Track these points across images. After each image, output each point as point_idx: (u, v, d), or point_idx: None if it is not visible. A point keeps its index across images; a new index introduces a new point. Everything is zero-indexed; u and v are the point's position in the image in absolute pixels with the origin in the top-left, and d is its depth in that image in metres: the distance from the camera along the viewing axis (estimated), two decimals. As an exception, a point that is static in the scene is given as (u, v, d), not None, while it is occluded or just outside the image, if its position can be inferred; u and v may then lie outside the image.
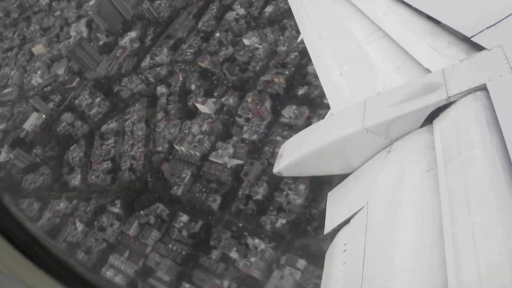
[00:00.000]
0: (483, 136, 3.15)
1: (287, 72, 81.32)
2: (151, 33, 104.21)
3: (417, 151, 3.69)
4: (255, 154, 74.68)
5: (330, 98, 5.75)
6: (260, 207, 69.24)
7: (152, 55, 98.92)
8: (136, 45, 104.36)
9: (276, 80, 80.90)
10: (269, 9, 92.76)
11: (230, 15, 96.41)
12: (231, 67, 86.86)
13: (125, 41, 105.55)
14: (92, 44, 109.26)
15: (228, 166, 75.12)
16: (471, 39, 4.18)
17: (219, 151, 76.89)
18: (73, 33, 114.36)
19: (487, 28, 4.15)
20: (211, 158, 77.28)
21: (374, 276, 3.30)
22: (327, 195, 4.40)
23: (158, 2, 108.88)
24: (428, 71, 4.38)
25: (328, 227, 4.15)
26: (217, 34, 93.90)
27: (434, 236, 2.98)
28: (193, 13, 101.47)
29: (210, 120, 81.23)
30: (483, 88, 3.52)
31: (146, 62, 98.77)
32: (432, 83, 3.90)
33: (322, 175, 4.59)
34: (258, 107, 77.46)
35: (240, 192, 72.26)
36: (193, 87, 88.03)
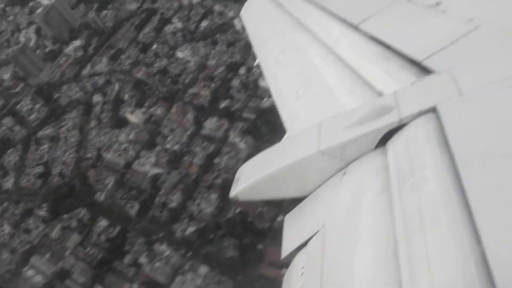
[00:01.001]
0: (434, 157, 3.16)
1: (213, 85, 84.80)
2: (95, 43, 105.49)
3: (371, 173, 3.65)
4: (175, 163, 77.75)
5: (286, 122, 5.71)
6: (173, 215, 72.35)
7: (92, 64, 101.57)
8: (80, 53, 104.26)
9: (202, 92, 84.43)
10: (204, 23, 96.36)
11: (169, 28, 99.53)
12: (163, 78, 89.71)
13: (69, 49, 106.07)
14: (39, 50, 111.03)
15: (149, 174, 78.21)
16: (422, 63, 4.24)
17: (142, 159, 79.72)
18: (22, 39, 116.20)
19: (436, 52, 4.22)
20: (134, 166, 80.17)
21: (332, 298, 3.21)
22: (284, 219, 4.37)
23: (105, 12, 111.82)
24: (380, 94, 4.40)
25: (285, 251, 4.08)
26: (154, 46, 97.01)
27: (389, 256, 2.95)
28: (135, 24, 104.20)
29: (137, 129, 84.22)
30: (434, 110, 3.53)
31: (86, 71, 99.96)
32: (385, 106, 3.91)
33: (280, 199, 4.57)
34: (180, 118, 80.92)
35: (157, 200, 75.46)
36: (126, 97, 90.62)
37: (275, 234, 63.57)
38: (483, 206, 2.60)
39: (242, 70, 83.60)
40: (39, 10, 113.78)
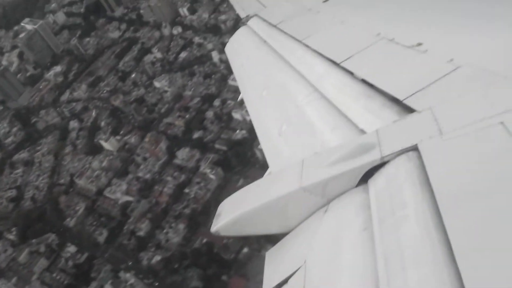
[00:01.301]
0: (415, 195, 3.16)
1: (187, 116, 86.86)
2: (75, 69, 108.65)
3: (353, 211, 3.63)
4: (145, 192, 79.07)
5: (269, 157, 5.68)
6: (141, 243, 73.23)
7: (71, 90, 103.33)
8: (60, 79, 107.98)
9: (176, 122, 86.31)
10: (183, 55, 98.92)
11: (148, 58, 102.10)
12: (139, 107, 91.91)
13: (50, 74, 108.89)
14: (20, 74, 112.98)
15: (119, 202, 79.27)
16: (403, 101, 4.28)
17: (114, 187, 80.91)
18: (4, 63, 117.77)
19: (418, 91, 4.27)
20: (106, 193, 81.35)
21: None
22: (265, 255, 4.33)
23: (87, 39, 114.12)
24: (363, 132, 4.42)
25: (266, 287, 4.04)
26: (133, 75, 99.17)
27: None
28: (116, 52, 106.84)
29: (111, 157, 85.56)
30: (415, 148, 3.56)
31: (65, 96, 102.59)
32: (367, 143, 3.92)
33: (261, 235, 4.47)
34: (153, 147, 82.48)
35: (125, 227, 76.31)
36: (102, 124, 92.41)
37: (239, 266, 64.66)
38: (464, 245, 2.62)
39: (217, 102, 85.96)
40: (22, 35, 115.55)
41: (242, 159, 75.97)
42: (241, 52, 9.38)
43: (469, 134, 3.40)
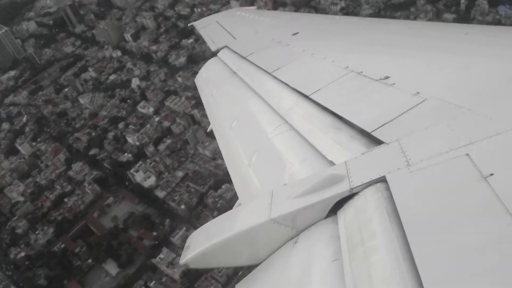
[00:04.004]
0: (384, 226, 3.26)
1: (93, 134, 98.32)
2: (26, 76, 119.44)
3: (322, 242, 3.71)
4: (36, 195, 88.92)
5: (238, 189, 5.78)
6: (15, 239, 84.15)
7: (15, 95, 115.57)
8: (11, 83, 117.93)
9: (82, 138, 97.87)
10: (113, 77, 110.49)
11: (85, 75, 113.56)
12: (59, 119, 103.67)
13: (4, 77, 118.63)
14: None
15: (13, 201, 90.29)
16: (372, 133, 4.45)
17: (13, 187, 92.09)
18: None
19: (385, 123, 4.47)
20: (5, 191, 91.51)
21: None
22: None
23: (46, 50, 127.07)
24: (332, 163, 4.53)
25: None
26: (67, 89, 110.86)
27: None
28: (62, 66, 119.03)
29: (22, 160, 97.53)
30: (383, 180, 3.68)
31: (8, 100, 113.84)
32: (336, 175, 4.03)
33: (231, 267, 4.77)
34: (53, 157, 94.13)
35: (8, 224, 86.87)
36: (27, 129, 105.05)
37: (81, 273, 75.29)
38: (432, 275, 2.70)
39: (121, 125, 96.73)
40: None
41: (119, 180, 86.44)
42: (211, 82, 9.55)
43: (435, 166, 3.52)
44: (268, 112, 6.55)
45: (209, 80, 9.82)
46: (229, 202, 71.29)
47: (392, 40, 7.44)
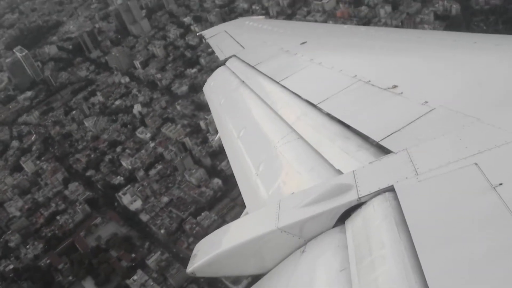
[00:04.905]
0: (392, 235, 3.27)
1: (92, 155, 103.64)
2: (41, 96, 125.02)
3: (330, 251, 3.72)
4: (32, 211, 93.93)
5: (246, 198, 5.78)
6: (7, 252, 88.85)
7: (28, 114, 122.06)
8: (27, 103, 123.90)
9: (82, 159, 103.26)
10: (118, 102, 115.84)
11: (93, 99, 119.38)
12: (64, 140, 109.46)
13: (21, 97, 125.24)
14: (2, 92, 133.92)
15: (10, 215, 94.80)
16: (380, 142, 4.47)
17: (12, 202, 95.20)
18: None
19: (393, 133, 4.49)
20: (5, 206, 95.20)
21: None
22: None
23: (62, 73, 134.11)
24: (339, 172, 4.54)
25: None
26: (74, 112, 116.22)
27: None
28: (74, 89, 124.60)
29: (24, 177, 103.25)
30: (391, 189, 3.69)
31: (22, 118, 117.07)
32: (344, 184, 4.05)
33: (238, 276, 4.58)
34: (52, 176, 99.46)
35: (3, 237, 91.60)
36: (34, 148, 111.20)
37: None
38: (440, 285, 2.70)
39: (119, 149, 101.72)
40: (8, 60, 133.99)
41: (109, 202, 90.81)
42: (219, 91, 9.55)
43: (444, 175, 3.53)
44: (276, 121, 6.60)
45: (217, 89, 9.91)
46: (206, 229, 74.43)
47: (400, 49, 7.47)
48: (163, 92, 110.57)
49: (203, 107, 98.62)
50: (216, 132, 8.67)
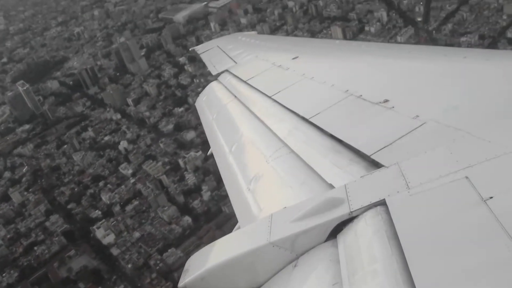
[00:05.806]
0: (384, 249, 3.29)
1: (76, 189, 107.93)
2: (38, 129, 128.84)
3: (322, 265, 3.73)
4: (13, 241, 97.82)
5: (238, 212, 5.81)
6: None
7: (23, 147, 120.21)
8: (24, 135, 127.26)
9: (66, 192, 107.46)
10: (107, 138, 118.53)
11: (85, 134, 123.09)
12: (52, 173, 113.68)
13: (19, 130, 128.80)
14: (2, 124, 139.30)
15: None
16: (371, 156, 4.50)
17: None
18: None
19: (385, 147, 4.52)
20: None
21: None
22: None
23: (60, 107, 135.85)
24: (331, 186, 4.56)
25: None
26: (66, 146, 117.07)
27: None
28: (69, 124, 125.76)
29: (11, 207, 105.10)
30: (383, 203, 3.71)
31: (17, 150, 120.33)
32: (335, 198, 4.08)
33: None
34: (34, 207, 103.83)
35: None
36: (24, 179, 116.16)
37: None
38: None
39: (101, 183, 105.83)
40: (9, 93, 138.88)
41: (84, 235, 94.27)
42: (211, 106, 9.65)
43: (435, 189, 3.55)
44: (267, 135, 6.61)
45: (209, 103, 9.95)
46: (171, 266, 77.44)
47: (391, 64, 7.50)
48: (150, 130, 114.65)
49: (185, 146, 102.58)
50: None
